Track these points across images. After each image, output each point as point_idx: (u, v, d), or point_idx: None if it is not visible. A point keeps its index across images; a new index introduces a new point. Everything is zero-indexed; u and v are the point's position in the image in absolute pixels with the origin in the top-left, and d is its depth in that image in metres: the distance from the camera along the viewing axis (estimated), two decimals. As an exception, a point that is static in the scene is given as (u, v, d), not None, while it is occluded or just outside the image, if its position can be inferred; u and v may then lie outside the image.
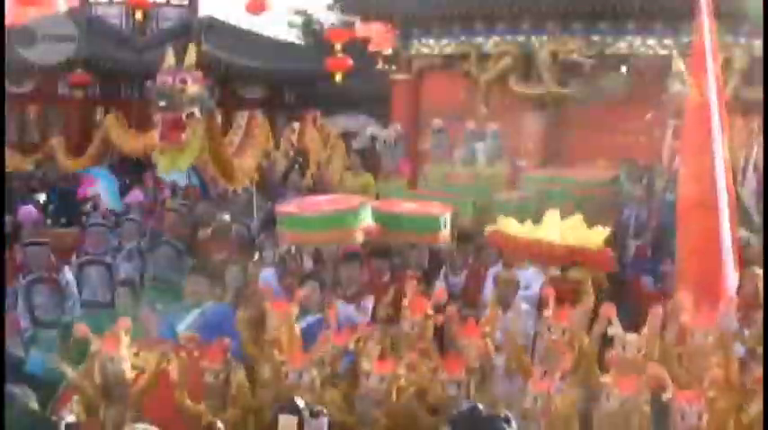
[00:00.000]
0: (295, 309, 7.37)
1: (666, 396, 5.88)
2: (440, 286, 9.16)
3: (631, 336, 6.93)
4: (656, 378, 6.03)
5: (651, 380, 6.01)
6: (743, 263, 8.49)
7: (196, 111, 12.33)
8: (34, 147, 19.78)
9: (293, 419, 4.19)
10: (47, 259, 10.56)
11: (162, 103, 12.37)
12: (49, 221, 14.32)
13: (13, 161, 18.87)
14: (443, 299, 7.78)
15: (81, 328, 6.73)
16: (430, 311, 7.26)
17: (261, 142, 14.34)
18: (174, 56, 12.85)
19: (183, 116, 12.05)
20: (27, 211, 13.53)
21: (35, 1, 23.44)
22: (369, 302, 8.70)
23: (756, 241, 9.85)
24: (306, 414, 4.21)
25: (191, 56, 12.99)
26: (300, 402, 4.36)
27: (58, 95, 21.01)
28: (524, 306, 8.19)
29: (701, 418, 5.76)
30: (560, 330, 7.22)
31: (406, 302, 7.36)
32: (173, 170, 13.03)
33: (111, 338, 6.56)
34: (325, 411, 4.37)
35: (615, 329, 7.00)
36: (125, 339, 6.62)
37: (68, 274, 10.31)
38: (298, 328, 7.22)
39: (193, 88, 12.44)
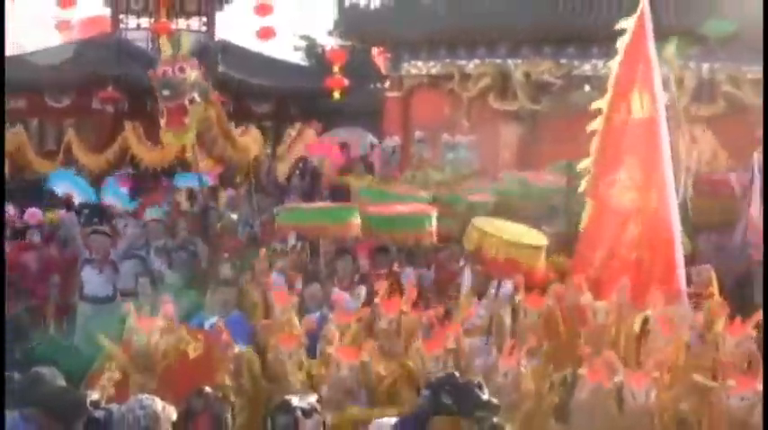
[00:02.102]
0: (294, 299, 7.48)
1: (618, 378, 5.90)
2: (411, 281, 9.20)
3: (600, 303, 6.96)
4: (608, 362, 6.05)
5: (606, 365, 6.02)
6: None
7: (196, 96, 12.34)
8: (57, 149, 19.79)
9: (287, 419, 4.05)
10: (106, 246, 10.69)
11: (166, 92, 12.33)
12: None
13: (44, 166, 18.88)
14: (414, 296, 7.77)
15: (126, 305, 6.86)
16: (404, 308, 7.24)
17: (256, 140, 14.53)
18: (170, 44, 12.86)
19: (186, 102, 12.07)
20: (32, 213, 13.49)
21: (70, 26, 23.38)
22: (362, 290, 8.74)
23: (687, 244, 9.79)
24: (299, 413, 4.08)
25: (186, 44, 13.00)
26: (295, 401, 4.19)
27: (92, 110, 20.92)
28: (492, 291, 8.17)
29: (648, 396, 5.79)
30: (536, 314, 7.22)
31: (378, 300, 7.34)
32: (178, 146, 13.08)
33: (146, 317, 6.72)
34: (318, 409, 4.23)
35: (586, 297, 7.04)
36: (162, 322, 6.69)
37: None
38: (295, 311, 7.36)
39: (192, 74, 12.43)
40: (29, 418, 4.20)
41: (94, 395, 4.34)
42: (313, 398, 4.31)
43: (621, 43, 8.50)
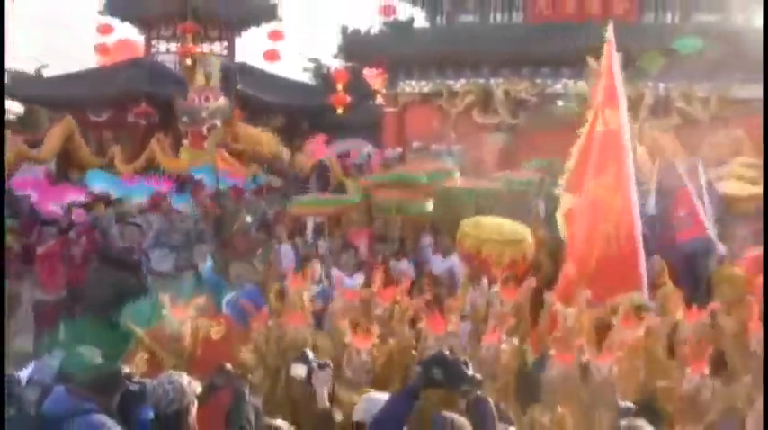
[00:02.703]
0: (306, 284, 7.51)
1: (585, 357, 5.93)
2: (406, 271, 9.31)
3: (570, 310, 6.99)
4: (578, 345, 6.08)
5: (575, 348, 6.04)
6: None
7: (217, 122, 12.46)
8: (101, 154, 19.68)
9: (303, 368, 4.09)
10: (138, 237, 10.92)
11: (184, 119, 12.52)
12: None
13: (92, 161, 18.73)
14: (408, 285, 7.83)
15: (166, 298, 6.83)
16: (398, 297, 7.23)
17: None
18: (204, 77, 12.91)
19: (204, 130, 12.21)
20: (78, 214, 13.33)
21: (108, 51, 23.38)
22: (359, 276, 8.83)
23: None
24: (314, 365, 4.08)
25: (215, 77, 13.11)
26: (310, 354, 4.20)
27: (127, 123, 20.90)
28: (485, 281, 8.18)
29: (611, 371, 5.82)
30: (510, 306, 7.24)
31: (375, 289, 7.34)
32: (192, 165, 13.16)
33: (179, 307, 6.67)
34: (330, 364, 4.20)
35: (557, 306, 7.06)
36: (192, 311, 6.69)
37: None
38: (308, 295, 7.37)
39: (215, 103, 12.56)
40: (72, 392, 4.21)
41: (126, 369, 4.34)
42: (326, 361, 4.29)
43: (600, 65, 8.48)
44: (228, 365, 4.73)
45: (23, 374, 4.93)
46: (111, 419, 4.04)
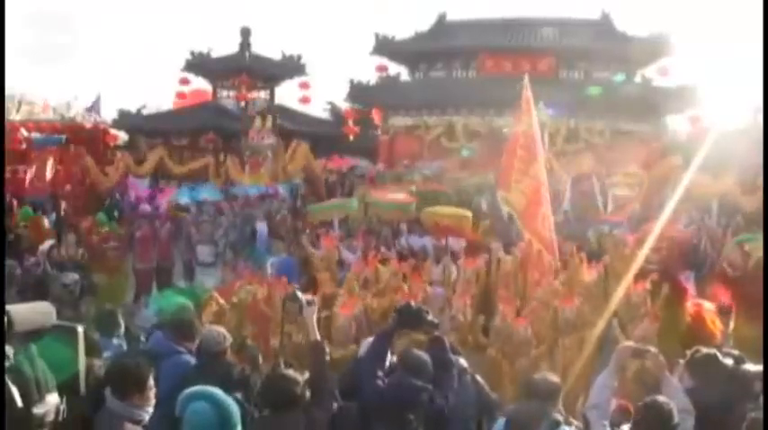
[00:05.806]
0: (336, 243, 7.54)
1: (509, 319, 5.99)
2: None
3: (506, 256, 7.08)
4: (503, 297, 6.15)
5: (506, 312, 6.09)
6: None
7: (269, 154, 12.64)
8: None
9: (295, 305, 3.88)
10: (210, 231, 10.93)
11: (248, 153, 12.70)
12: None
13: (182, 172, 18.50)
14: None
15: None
16: (396, 266, 7.26)
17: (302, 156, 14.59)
18: (261, 121, 13.04)
19: (260, 159, 12.39)
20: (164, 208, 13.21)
21: (186, 96, 23.38)
22: (358, 251, 8.90)
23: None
24: (304, 302, 3.85)
25: (268, 122, 13.23)
26: (300, 294, 3.93)
27: (200, 146, 20.89)
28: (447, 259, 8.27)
29: (527, 329, 5.92)
30: (470, 272, 7.25)
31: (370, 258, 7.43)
32: (255, 184, 13.27)
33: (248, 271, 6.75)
34: (316, 302, 3.89)
35: (499, 253, 7.17)
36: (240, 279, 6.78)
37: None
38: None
39: (268, 140, 12.71)
40: (168, 337, 4.32)
41: (204, 318, 4.45)
42: (313, 298, 4.08)
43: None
44: (249, 341, 4.76)
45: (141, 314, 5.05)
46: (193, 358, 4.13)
